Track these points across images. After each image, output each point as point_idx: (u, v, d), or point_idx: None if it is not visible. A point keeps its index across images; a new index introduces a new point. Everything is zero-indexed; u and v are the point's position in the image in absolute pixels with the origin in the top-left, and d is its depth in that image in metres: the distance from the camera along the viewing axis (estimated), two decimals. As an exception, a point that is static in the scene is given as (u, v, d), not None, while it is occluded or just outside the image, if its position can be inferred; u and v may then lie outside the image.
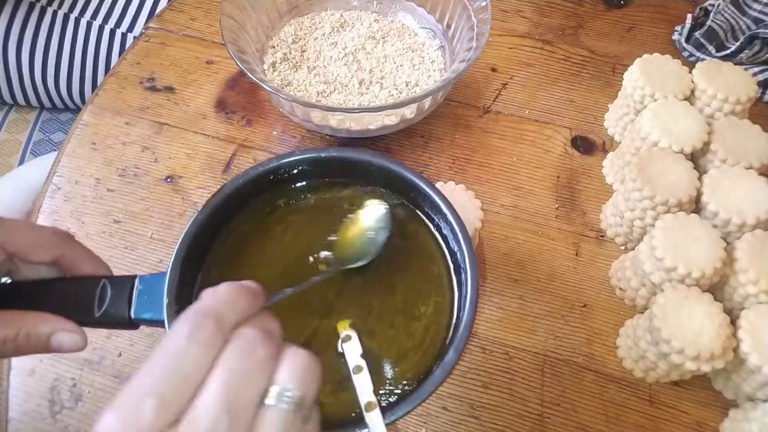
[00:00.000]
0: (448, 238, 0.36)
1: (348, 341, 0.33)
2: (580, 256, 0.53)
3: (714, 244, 0.44)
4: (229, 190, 0.36)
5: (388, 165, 0.37)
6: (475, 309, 0.32)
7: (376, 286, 0.36)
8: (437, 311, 0.35)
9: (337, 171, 0.38)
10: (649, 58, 0.54)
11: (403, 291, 0.36)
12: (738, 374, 0.43)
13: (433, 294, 0.35)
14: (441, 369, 0.31)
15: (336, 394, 0.32)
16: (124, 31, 0.76)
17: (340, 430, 0.30)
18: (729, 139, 0.49)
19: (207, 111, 0.61)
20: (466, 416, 0.45)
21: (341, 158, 0.38)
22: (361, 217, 0.36)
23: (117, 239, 0.52)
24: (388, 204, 0.36)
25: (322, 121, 0.54)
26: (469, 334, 0.32)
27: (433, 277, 0.36)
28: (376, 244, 0.35)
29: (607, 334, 0.48)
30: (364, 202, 0.37)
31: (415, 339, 0.34)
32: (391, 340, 0.34)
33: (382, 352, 0.33)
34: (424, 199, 0.36)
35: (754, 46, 0.62)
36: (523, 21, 0.69)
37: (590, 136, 0.60)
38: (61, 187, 0.55)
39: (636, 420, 0.45)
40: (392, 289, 0.36)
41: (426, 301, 0.35)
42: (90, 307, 0.32)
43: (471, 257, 0.33)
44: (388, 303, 0.35)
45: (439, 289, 0.36)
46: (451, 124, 0.60)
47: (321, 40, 0.61)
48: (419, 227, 0.38)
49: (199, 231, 0.35)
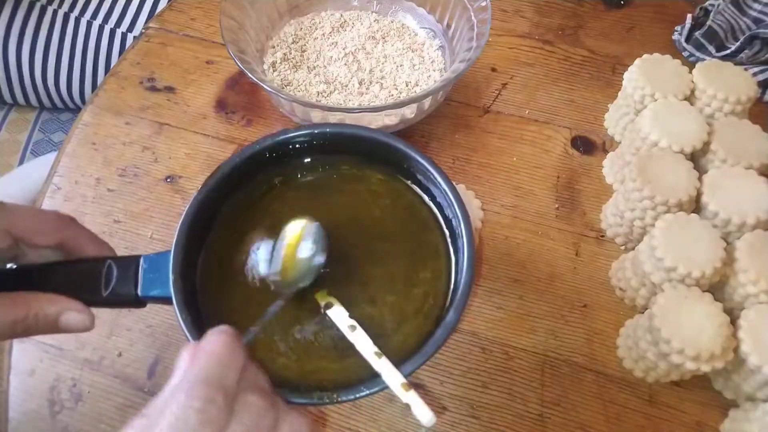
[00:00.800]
0: (443, 206, 0.37)
1: (331, 308, 0.34)
2: (580, 256, 0.53)
3: (714, 244, 0.44)
4: (226, 168, 0.36)
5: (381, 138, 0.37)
6: (473, 272, 0.33)
7: (375, 255, 0.37)
8: (435, 277, 0.35)
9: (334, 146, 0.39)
10: (649, 58, 0.54)
11: (401, 259, 0.36)
12: (738, 374, 0.43)
13: (430, 261, 0.36)
14: (443, 329, 0.31)
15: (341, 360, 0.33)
16: (124, 31, 0.76)
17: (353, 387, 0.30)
18: (729, 139, 0.49)
19: (207, 111, 0.61)
20: (466, 416, 0.45)
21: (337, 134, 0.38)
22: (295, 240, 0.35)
23: (117, 239, 0.52)
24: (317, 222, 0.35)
25: (322, 121, 0.54)
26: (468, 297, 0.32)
27: (429, 245, 0.37)
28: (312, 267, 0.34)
29: (607, 334, 0.48)
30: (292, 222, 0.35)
31: (415, 304, 0.35)
32: (392, 306, 0.35)
33: (383, 319, 0.34)
34: (418, 169, 0.37)
35: (754, 46, 0.62)
36: (523, 21, 0.69)
37: (590, 136, 0.60)
38: (61, 187, 0.55)
39: (636, 420, 0.45)
40: (390, 258, 0.36)
41: (424, 268, 0.36)
42: (97, 287, 0.33)
43: (466, 223, 0.34)
44: (387, 271, 0.36)
45: (437, 256, 0.36)
46: (451, 124, 0.60)
47: (321, 40, 0.61)
48: (414, 198, 0.38)
49: (199, 210, 0.35)
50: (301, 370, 0.33)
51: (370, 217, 0.38)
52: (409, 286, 0.35)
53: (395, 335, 0.34)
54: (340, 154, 0.39)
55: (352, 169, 0.39)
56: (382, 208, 0.38)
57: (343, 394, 0.31)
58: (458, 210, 0.35)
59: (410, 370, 0.31)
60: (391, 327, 0.34)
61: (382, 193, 0.39)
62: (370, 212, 0.38)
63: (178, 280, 0.32)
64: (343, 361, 0.33)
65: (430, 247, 0.37)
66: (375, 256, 0.37)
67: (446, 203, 0.36)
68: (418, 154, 0.37)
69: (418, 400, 0.30)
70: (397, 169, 0.39)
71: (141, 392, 0.45)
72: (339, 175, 0.39)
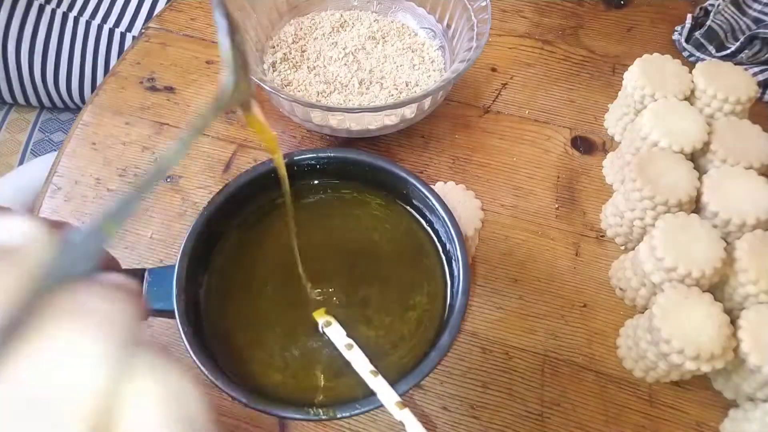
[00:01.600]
0: (440, 232, 0.38)
1: (329, 326, 0.35)
2: (580, 256, 0.53)
3: (714, 244, 0.44)
4: (234, 185, 0.38)
5: (382, 164, 0.38)
6: (468, 296, 0.34)
7: (372, 278, 0.38)
8: (431, 300, 0.37)
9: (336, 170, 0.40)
10: (649, 58, 0.54)
11: (397, 283, 0.37)
12: (738, 374, 0.43)
13: (426, 285, 0.37)
14: (437, 351, 0.32)
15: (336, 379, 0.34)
16: (122, 31, 0.76)
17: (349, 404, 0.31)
18: (729, 139, 0.49)
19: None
20: (466, 416, 0.45)
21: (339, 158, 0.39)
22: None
23: (117, 239, 0.52)
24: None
25: (322, 121, 0.54)
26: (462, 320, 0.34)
27: (425, 269, 0.38)
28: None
29: (607, 334, 0.48)
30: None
31: (410, 326, 0.36)
32: (388, 328, 0.36)
33: (380, 339, 0.35)
34: (417, 195, 0.38)
35: (754, 46, 0.62)
36: (523, 21, 0.69)
37: (590, 136, 0.60)
38: (61, 187, 0.55)
39: (636, 420, 0.45)
40: (387, 281, 0.37)
41: (420, 291, 0.37)
42: None
43: (462, 249, 0.35)
44: (384, 294, 0.37)
45: (432, 280, 0.37)
46: (451, 124, 0.60)
47: (321, 40, 0.61)
48: (412, 224, 0.39)
49: (205, 225, 0.36)
50: (297, 387, 0.34)
51: (370, 240, 0.39)
52: (406, 308, 0.36)
53: (391, 356, 0.35)
54: (342, 178, 0.40)
55: (353, 193, 0.40)
56: (381, 231, 0.39)
57: (340, 410, 0.31)
58: (455, 235, 0.36)
59: (404, 390, 0.31)
60: (387, 348, 0.35)
61: (382, 217, 0.40)
62: (370, 236, 0.39)
63: (181, 294, 0.33)
64: (339, 379, 0.34)
65: (426, 270, 0.38)
66: (373, 279, 0.38)
67: (443, 229, 0.37)
68: (417, 180, 0.38)
69: (412, 418, 0.30)
70: (396, 194, 0.40)
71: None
72: (340, 199, 0.40)
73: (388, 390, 0.31)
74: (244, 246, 0.38)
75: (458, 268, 0.35)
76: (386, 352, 0.35)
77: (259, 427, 0.44)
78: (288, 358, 0.35)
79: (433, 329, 0.35)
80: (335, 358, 0.34)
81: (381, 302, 0.37)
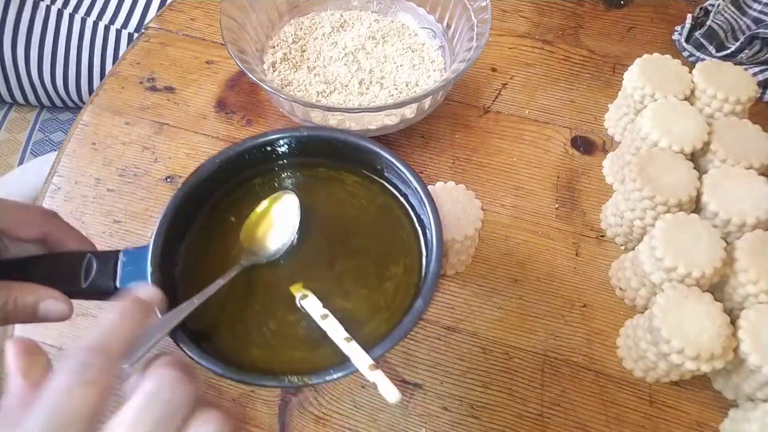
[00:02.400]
0: (414, 205, 0.39)
1: (305, 299, 0.35)
2: (580, 256, 0.53)
3: (714, 244, 0.44)
4: (207, 167, 0.38)
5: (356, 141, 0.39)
6: (441, 263, 0.35)
7: (350, 253, 0.38)
8: (407, 272, 0.37)
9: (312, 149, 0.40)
10: (649, 58, 0.54)
11: (374, 255, 0.38)
12: (738, 374, 0.43)
13: (402, 257, 0.38)
14: (411, 315, 0.33)
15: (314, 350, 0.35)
16: (118, 28, 0.76)
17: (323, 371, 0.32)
18: (729, 139, 0.49)
19: (207, 111, 0.61)
20: (466, 416, 0.45)
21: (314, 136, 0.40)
22: (272, 211, 0.39)
23: (117, 239, 0.52)
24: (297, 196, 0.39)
25: (322, 121, 0.54)
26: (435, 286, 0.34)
27: (401, 241, 0.38)
28: (285, 237, 0.38)
29: (607, 334, 0.48)
30: (276, 195, 0.39)
31: (387, 297, 0.36)
32: (365, 299, 0.36)
33: (357, 310, 0.36)
34: (392, 170, 0.39)
35: (754, 46, 0.62)
36: (523, 21, 0.69)
37: (590, 136, 0.60)
38: (61, 187, 0.55)
39: (636, 420, 0.45)
40: (364, 255, 0.38)
41: (396, 262, 0.38)
42: (77, 278, 0.34)
43: (435, 219, 0.36)
44: (361, 267, 0.38)
45: (408, 252, 0.38)
46: (451, 124, 0.60)
47: (321, 40, 0.61)
48: (387, 198, 0.40)
49: (180, 205, 0.37)
50: (275, 360, 0.34)
51: (346, 216, 0.40)
52: (382, 280, 0.37)
53: (367, 326, 0.35)
54: (318, 156, 0.41)
55: (329, 171, 0.41)
56: (357, 207, 0.40)
57: (314, 377, 0.32)
58: (428, 207, 0.36)
59: (380, 353, 0.32)
60: (363, 318, 0.35)
61: (358, 193, 0.41)
62: (347, 212, 0.40)
63: (156, 271, 0.33)
64: (316, 350, 0.34)
65: (402, 243, 0.38)
66: (350, 253, 0.38)
67: (418, 201, 0.38)
68: (391, 155, 0.38)
69: (384, 379, 0.31)
70: (372, 171, 0.40)
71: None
72: (316, 177, 0.41)
73: (362, 354, 0.32)
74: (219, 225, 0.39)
75: (432, 237, 0.36)
76: (364, 322, 0.35)
77: (259, 427, 0.44)
78: (266, 333, 0.35)
79: (410, 297, 0.36)
80: (313, 330, 0.34)
81: (358, 275, 0.37)
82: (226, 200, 0.40)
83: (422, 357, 0.47)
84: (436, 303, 0.50)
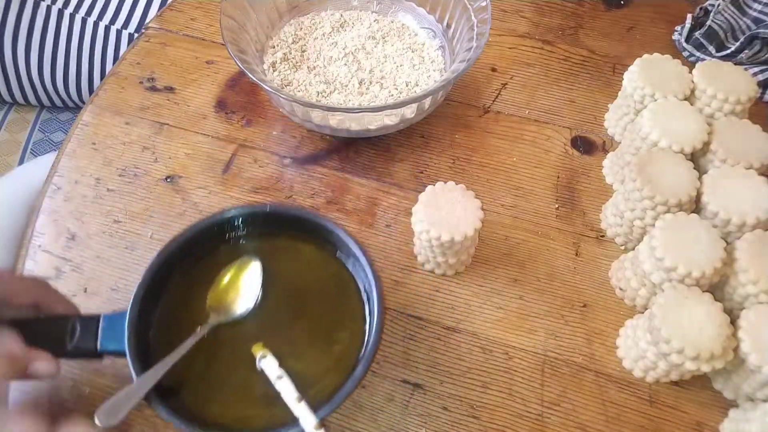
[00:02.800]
0: (360, 277, 0.43)
1: (264, 359, 0.39)
2: (580, 256, 0.53)
3: (714, 244, 0.44)
4: (179, 239, 0.42)
5: (312, 218, 0.44)
6: (380, 333, 0.39)
7: (304, 315, 0.42)
8: (352, 336, 0.41)
9: (275, 222, 0.45)
10: (649, 58, 0.54)
11: (325, 320, 0.42)
12: (738, 374, 0.43)
13: (349, 322, 0.42)
14: (351, 381, 0.37)
15: (269, 408, 0.38)
16: (119, 28, 0.76)
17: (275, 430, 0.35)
18: (729, 139, 0.49)
19: (207, 111, 0.61)
20: (466, 416, 0.45)
21: (275, 212, 0.45)
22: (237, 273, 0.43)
23: (117, 239, 0.52)
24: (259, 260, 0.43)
25: (322, 121, 0.54)
26: (375, 353, 0.38)
27: (349, 309, 0.42)
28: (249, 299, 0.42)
29: (607, 334, 0.48)
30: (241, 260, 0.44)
31: (334, 359, 0.40)
32: (315, 361, 0.40)
33: (308, 371, 0.39)
34: (342, 245, 0.43)
35: (754, 46, 0.62)
36: (523, 21, 0.69)
37: (590, 136, 0.60)
38: (61, 187, 0.55)
39: (636, 420, 0.45)
40: (317, 318, 0.42)
41: (343, 328, 0.42)
42: (63, 341, 0.38)
43: (378, 293, 0.40)
44: (313, 330, 0.42)
45: (354, 318, 0.42)
46: (451, 124, 0.60)
47: (321, 40, 0.61)
48: (339, 268, 0.44)
49: (154, 274, 0.41)
50: (233, 417, 0.38)
51: (302, 282, 0.44)
52: (330, 343, 0.41)
53: (317, 385, 0.39)
54: (279, 227, 0.45)
55: (288, 241, 0.45)
56: (312, 275, 0.44)
57: None
58: (372, 280, 0.41)
59: (323, 415, 0.36)
60: (313, 379, 0.39)
61: (313, 261, 0.45)
62: (303, 277, 0.44)
63: (132, 336, 0.38)
64: (272, 408, 0.38)
65: (349, 310, 0.42)
66: (304, 316, 0.42)
67: (363, 274, 0.42)
68: (341, 231, 0.43)
69: None
70: (325, 242, 0.44)
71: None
72: (277, 246, 0.45)
73: (309, 415, 0.35)
74: (188, 290, 0.43)
75: (374, 309, 0.40)
76: (314, 382, 0.39)
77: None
78: (226, 390, 0.39)
79: (353, 361, 0.40)
80: (269, 388, 0.38)
81: (311, 338, 0.41)
82: (195, 266, 0.44)
83: (422, 357, 0.47)
84: (436, 303, 0.50)
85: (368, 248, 0.52)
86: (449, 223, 0.45)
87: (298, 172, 0.57)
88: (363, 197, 0.56)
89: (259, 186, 0.56)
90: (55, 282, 0.50)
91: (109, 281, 0.50)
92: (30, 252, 0.51)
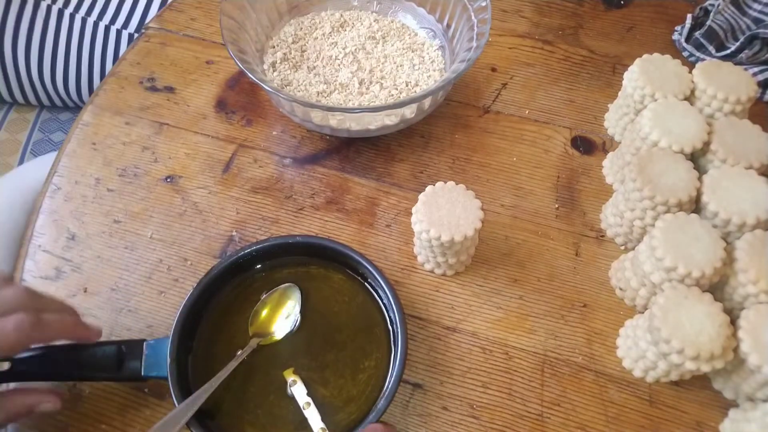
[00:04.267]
0: (387, 307, 0.45)
1: (295, 385, 0.42)
2: (580, 256, 0.53)
3: (714, 244, 0.44)
4: (217, 268, 0.45)
5: (342, 249, 0.46)
6: (404, 365, 0.41)
7: (331, 344, 0.44)
8: (378, 365, 0.43)
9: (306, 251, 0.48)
10: (649, 58, 0.54)
11: (351, 349, 0.44)
12: (738, 374, 0.43)
13: (375, 352, 0.44)
14: (374, 414, 0.39)
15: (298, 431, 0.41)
16: (119, 28, 0.76)
17: None
18: (729, 139, 0.49)
19: (207, 111, 0.61)
20: (466, 416, 0.45)
21: (307, 243, 0.47)
22: (279, 299, 0.46)
23: (117, 239, 0.52)
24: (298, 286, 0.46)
25: (322, 121, 0.54)
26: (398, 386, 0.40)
27: (375, 338, 0.44)
28: (288, 324, 0.45)
29: (607, 334, 0.48)
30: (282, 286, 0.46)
31: (359, 387, 0.42)
32: (341, 388, 0.42)
33: (333, 398, 0.42)
34: (370, 276, 0.45)
35: (754, 46, 0.62)
36: (523, 21, 0.69)
37: (590, 136, 0.60)
38: (61, 187, 0.55)
39: (636, 420, 0.45)
40: (343, 347, 0.44)
41: (369, 356, 0.44)
42: (112, 366, 0.41)
43: (401, 323, 0.42)
44: (340, 358, 0.44)
45: (380, 347, 0.44)
46: (451, 124, 0.60)
47: (321, 40, 0.61)
48: (367, 297, 0.46)
49: (194, 303, 0.43)
50: None
51: (331, 310, 0.46)
52: (356, 372, 0.43)
53: (341, 413, 0.41)
54: (311, 256, 0.48)
55: (319, 269, 0.48)
56: (340, 303, 0.46)
57: None
58: (397, 312, 0.43)
59: None
60: (339, 406, 0.41)
61: (342, 290, 0.47)
62: (331, 307, 0.46)
63: (173, 364, 0.40)
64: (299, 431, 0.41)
65: (375, 339, 0.44)
66: (333, 343, 0.44)
67: (389, 305, 0.44)
68: (369, 264, 0.45)
69: None
70: (354, 272, 0.47)
71: (141, 392, 0.45)
72: (309, 274, 0.47)
73: None
74: (226, 317, 0.45)
75: (399, 339, 0.42)
76: (339, 409, 0.41)
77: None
78: (259, 414, 0.41)
79: (377, 391, 0.42)
80: (297, 414, 0.41)
81: (338, 366, 0.43)
82: (231, 295, 0.46)
83: (422, 357, 0.47)
84: (436, 303, 0.50)
85: (368, 248, 0.52)
86: (449, 223, 0.45)
87: (298, 172, 0.57)
88: (363, 197, 0.56)
89: (259, 186, 0.56)
90: (55, 282, 0.50)
91: (109, 281, 0.50)
92: (30, 252, 0.51)
